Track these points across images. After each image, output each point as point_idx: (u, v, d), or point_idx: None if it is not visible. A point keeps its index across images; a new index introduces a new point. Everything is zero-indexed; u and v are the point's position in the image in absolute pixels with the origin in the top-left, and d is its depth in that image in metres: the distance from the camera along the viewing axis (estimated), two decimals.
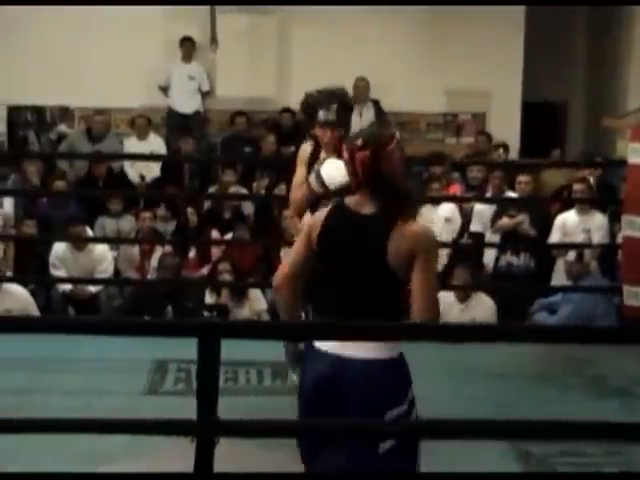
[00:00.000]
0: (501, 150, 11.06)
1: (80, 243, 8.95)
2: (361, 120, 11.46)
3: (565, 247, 8.66)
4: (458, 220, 9.42)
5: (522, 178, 9.30)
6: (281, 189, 9.73)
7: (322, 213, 3.96)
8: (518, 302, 8.57)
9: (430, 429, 3.95)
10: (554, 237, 8.89)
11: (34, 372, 6.22)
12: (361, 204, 3.87)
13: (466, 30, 11.74)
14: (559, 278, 8.73)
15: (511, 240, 9.07)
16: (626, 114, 11.24)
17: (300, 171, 5.26)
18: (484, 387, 6.02)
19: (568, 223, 8.88)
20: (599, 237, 8.73)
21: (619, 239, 8.01)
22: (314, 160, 5.20)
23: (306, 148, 5.35)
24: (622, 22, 12.14)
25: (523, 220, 9.00)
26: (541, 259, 9.01)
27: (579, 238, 8.62)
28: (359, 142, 3.86)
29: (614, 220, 8.72)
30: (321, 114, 5.29)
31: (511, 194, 9.49)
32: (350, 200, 3.92)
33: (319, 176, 5.03)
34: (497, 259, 9.01)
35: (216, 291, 8.50)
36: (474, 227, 9.40)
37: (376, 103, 11.59)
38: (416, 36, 11.82)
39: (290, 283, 3.99)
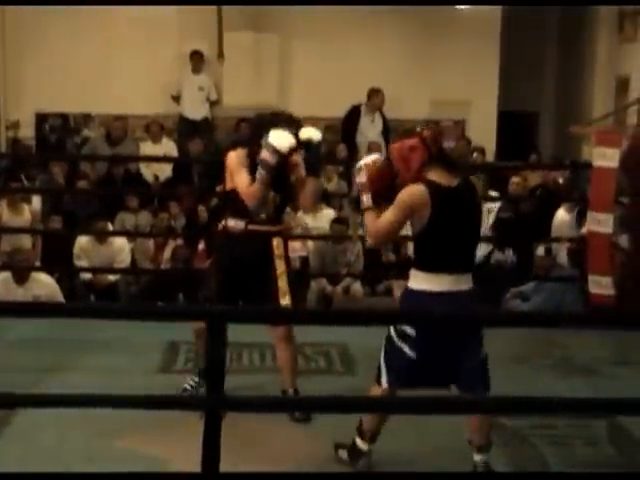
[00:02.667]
0: (475, 154, 11.04)
1: (102, 236, 8.95)
2: (374, 126, 11.51)
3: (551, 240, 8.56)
4: None
5: (514, 179, 9.30)
6: None
7: (419, 191, 4.19)
8: (496, 291, 8.53)
9: (413, 405, 3.93)
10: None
11: (59, 352, 6.20)
12: (445, 178, 4.23)
13: (448, 45, 11.78)
14: None
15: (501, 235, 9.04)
16: (591, 122, 11.24)
17: (244, 173, 5.12)
18: None
19: (558, 220, 8.83)
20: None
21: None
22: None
23: (240, 153, 5.22)
24: (588, 37, 12.13)
25: None
26: (522, 253, 8.94)
27: (569, 233, 8.57)
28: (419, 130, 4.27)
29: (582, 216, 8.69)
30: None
31: (492, 193, 9.47)
32: (432, 176, 4.21)
33: (269, 145, 4.92)
34: (488, 257, 8.95)
35: None
36: None
37: (382, 113, 11.62)
38: (403, 51, 11.83)
39: (386, 241, 4.88)
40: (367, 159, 4.53)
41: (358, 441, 4.55)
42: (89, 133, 11.72)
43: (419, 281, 4.26)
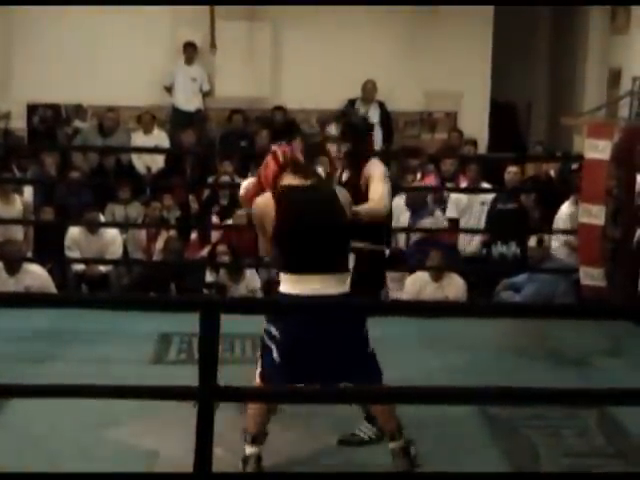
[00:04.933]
0: (465, 147, 11.06)
1: (93, 227, 8.95)
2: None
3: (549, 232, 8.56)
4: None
5: (511, 169, 9.26)
6: None
7: (264, 198, 4.40)
8: (489, 282, 8.55)
9: (408, 394, 3.95)
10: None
11: (52, 343, 6.21)
12: (296, 181, 4.40)
13: (441, 38, 11.79)
14: None
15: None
16: (583, 113, 11.26)
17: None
18: (454, 358, 6.02)
19: (563, 213, 8.81)
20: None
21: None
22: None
23: None
24: (581, 28, 12.14)
25: None
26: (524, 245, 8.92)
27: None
28: None
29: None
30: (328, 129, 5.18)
31: (485, 185, 9.48)
32: (284, 182, 4.39)
33: None
34: (488, 250, 8.97)
35: (215, 271, 8.48)
36: (449, 213, 9.40)
37: (381, 104, 11.62)
38: (397, 43, 11.83)
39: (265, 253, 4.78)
40: (246, 181, 4.85)
41: (246, 447, 4.47)
42: (80, 124, 11.70)
43: (285, 283, 4.29)
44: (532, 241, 8.34)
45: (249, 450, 4.42)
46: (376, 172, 4.98)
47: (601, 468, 4.68)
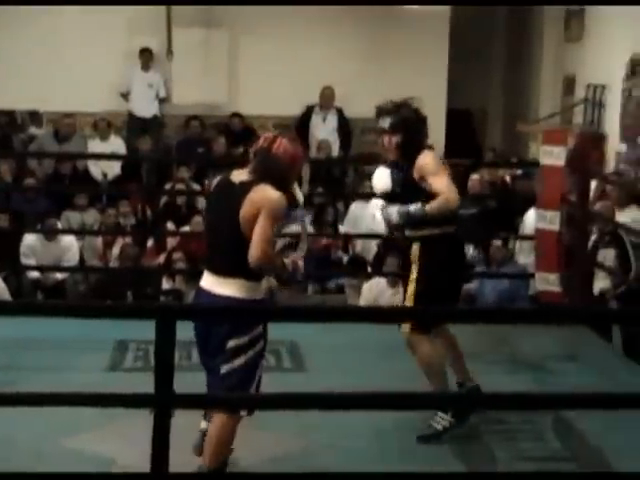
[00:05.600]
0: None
1: (50, 234, 8.90)
2: (325, 124, 11.53)
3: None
4: None
5: (474, 176, 9.35)
6: None
7: None
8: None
9: (366, 400, 3.96)
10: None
11: (7, 351, 6.15)
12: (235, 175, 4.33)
13: (399, 43, 11.84)
14: None
15: None
16: (538, 120, 11.36)
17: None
18: (411, 363, 6.03)
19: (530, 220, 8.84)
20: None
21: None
22: None
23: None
24: (535, 36, 12.25)
25: None
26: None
27: None
28: None
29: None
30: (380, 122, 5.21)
31: None
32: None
33: None
34: None
35: (172, 277, 8.46)
36: None
37: (339, 111, 11.63)
38: (355, 49, 11.85)
39: None
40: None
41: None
42: (36, 131, 11.61)
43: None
44: (496, 242, 8.37)
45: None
46: (431, 164, 5.01)
47: (557, 471, 4.71)
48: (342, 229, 9.74)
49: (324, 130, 11.56)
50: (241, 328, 4.19)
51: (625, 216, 8.25)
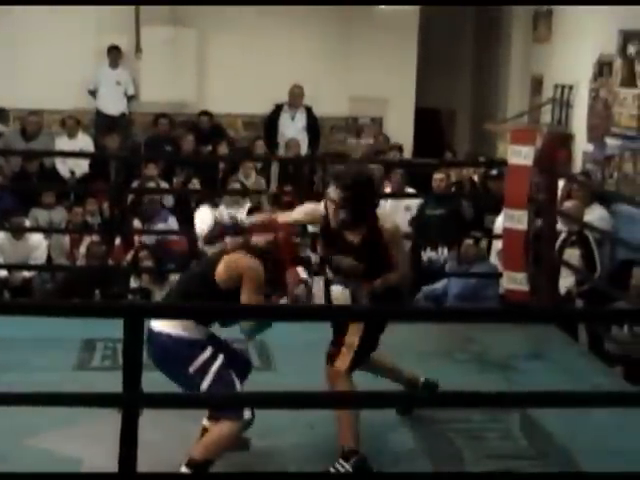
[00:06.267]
0: (391, 152, 11.14)
1: (18, 233, 8.85)
2: (294, 123, 11.52)
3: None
4: None
5: (437, 176, 9.36)
6: (195, 184, 10.03)
7: None
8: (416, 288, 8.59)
9: (327, 398, 3.97)
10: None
11: None
12: None
13: (366, 43, 11.90)
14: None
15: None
16: (506, 120, 11.41)
17: None
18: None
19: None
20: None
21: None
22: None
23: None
24: (503, 36, 12.31)
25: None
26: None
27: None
28: None
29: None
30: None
31: (409, 190, 9.55)
32: None
33: None
34: (418, 256, 8.98)
35: (138, 276, 8.43)
36: None
37: (309, 109, 11.62)
38: (322, 47, 11.88)
39: None
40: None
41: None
42: (2, 128, 11.53)
43: None
44: (468, 241, 8.39)
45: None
46: (396, 234, 4.81)
47: (524, 470, 4.74)
48: (311, 228, 9.73)
49: (293, 128, 11.55)
50: (191, 354, 4.37)
51: (591, 215, 8.33)
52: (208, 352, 4.39)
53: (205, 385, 4.33)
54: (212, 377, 4.34)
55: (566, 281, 7.58)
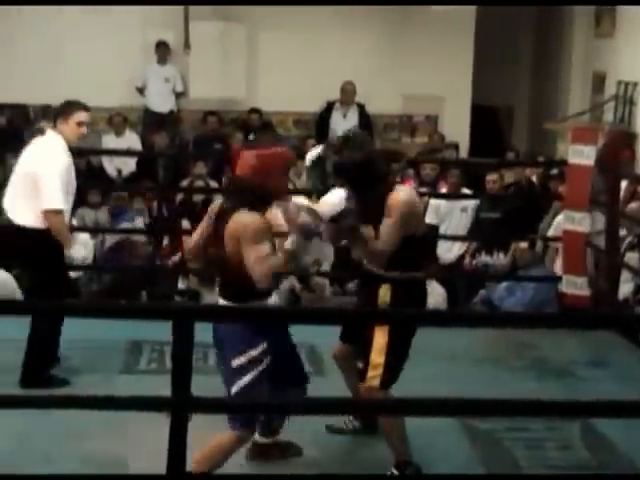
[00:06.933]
0: (447, 151, 11.10)
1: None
2: (346, 120, 11.53)
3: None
4: None
5: (490, 177, 9.26)
6: None
7: None
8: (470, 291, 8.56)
9: (389, 405, 3.96)
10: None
11: (18, 352, 6.16)
12: None
13: (421, 38, 11.83)
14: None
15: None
16: (567, 118, 11.31)
17: None
18: (434, 368, 6.03)
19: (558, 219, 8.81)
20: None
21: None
22: None
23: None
24: (565, 32, 12.20)
25: None
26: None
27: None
28: None
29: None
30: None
31: (466, 191, 9.48)
32: None
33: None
34: (473, 259, 8.95)
35: (187, 277, 8.46)
36: (429, 219, 9.35)
37: (361, 107, 11.62)
38: (375, 43, 11.85)
39: None
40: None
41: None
42: (46, 125, 11.62)
43: None
44: (523, 244, 8.33)
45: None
46: (396, 207, 4.63)
47: None
48: None
49: (345, 127, 11.51)
50: (243, 347, 4.32)
51: None
52: (259, 349, 4.33)
53: (235, 389, 4.30)
54: (245, 382, 4.29)
55: (625, 286, 7.49)
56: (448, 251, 9.27)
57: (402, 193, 4.72)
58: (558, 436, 5.19)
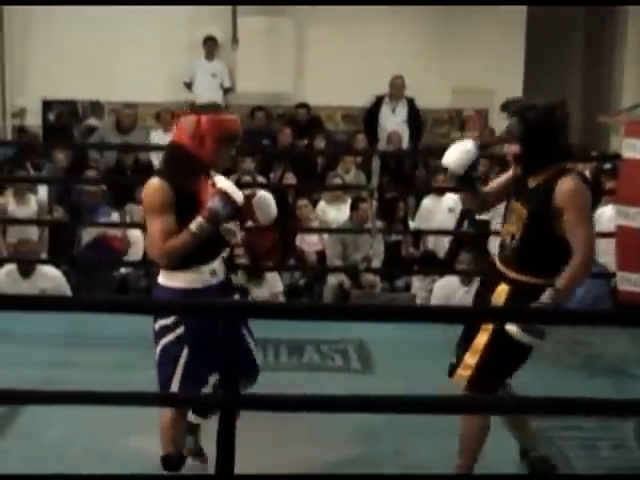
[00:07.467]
0: (498, 146, 11.02)
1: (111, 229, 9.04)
2: (395, 115, 11.51)
3: None
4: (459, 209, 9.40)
5: None
6: (288, 178, 10.09)
7: None
8: None
9: (448, 404, 3.94)
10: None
11: (67, 348, 6.23)
12: None
13: (471, 31, 11.78)
14: None
15: None
16: (621, 112, 11.20)
17: None
18: None
19: (604, 216, 8.72)
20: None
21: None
22: None
23: None
24: (618, 23, 12.09)
25: None
26: None
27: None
28: None
29: None
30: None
31: None
32: None
33: None
34: None
35: (234, 273, 8.47)
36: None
37: (410, 101, 11.59)
38: (424, 36, 11.82)
39: None
40: None
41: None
42: (94, 121, 11.73)
43: None
44: None
45: None
46: (574, 197, 4.19)
47: None
48: (413, 225, 9.71)
49: (394, 121, 11.52)
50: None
51: None
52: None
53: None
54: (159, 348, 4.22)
55: None
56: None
57: (578, 180, 4.24)
58: (612, 435, 5.14)
